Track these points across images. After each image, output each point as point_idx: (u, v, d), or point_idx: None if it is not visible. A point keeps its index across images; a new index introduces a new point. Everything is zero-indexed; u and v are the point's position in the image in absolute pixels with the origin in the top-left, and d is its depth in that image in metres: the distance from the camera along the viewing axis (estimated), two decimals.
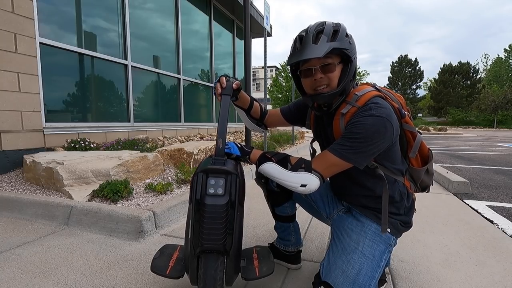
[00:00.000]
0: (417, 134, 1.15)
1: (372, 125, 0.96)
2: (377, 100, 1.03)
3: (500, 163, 5.62)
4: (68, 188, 2.45)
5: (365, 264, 1.02)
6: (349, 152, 0.98)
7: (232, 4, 7.45)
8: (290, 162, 1.05)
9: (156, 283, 1.37)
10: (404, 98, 1.20)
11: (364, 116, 0.99)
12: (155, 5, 5.42)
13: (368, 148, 0.98)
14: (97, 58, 4.17)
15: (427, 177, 1.25)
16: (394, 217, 1.14)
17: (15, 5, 3.11)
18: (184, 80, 6.17)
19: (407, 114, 1.13)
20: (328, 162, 1.02)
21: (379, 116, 0.97)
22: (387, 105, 1.03)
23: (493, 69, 43.45)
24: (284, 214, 1.46)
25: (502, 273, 1.48)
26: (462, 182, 3.22)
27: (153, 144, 4.29)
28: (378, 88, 1.14)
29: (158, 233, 1.95)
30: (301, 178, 1.00)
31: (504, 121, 33.94)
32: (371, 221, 1.13)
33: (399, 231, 1.16)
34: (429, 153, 1.22)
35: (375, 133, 0.96)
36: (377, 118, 0.97)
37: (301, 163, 1.03)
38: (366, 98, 1.04)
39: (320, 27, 1.02)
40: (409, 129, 1.13)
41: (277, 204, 1.44)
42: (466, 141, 12.03)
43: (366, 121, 0.97)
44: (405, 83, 48.03)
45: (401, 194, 1.15)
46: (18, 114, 3.17)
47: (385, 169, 1.11)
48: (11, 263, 1.54)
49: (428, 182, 1.27)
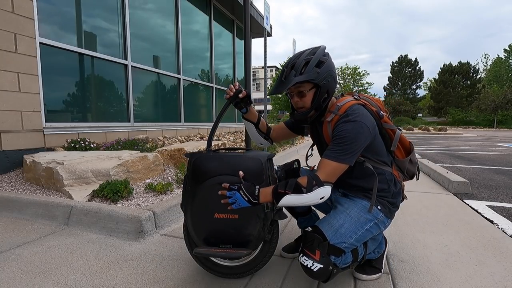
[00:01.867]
0: (396, 130, 1.37)
1: (352, 129, 1.19)
2: (353, 107, 1.26)
3: (500, 163, 5.62)
4: (68, 188, 2.45)
5: (348, 221, 1.26)
6: (342, 154, 1.18)
7: (232, 4, 7.45)
8: (302, 186, 1.15)
9: (156, 283, 1.37)
10: (382, 102, 1.42)
11: (344, 123, 1.21)
12: (155, 5, 5.42)
13: (355, 147, 1.19)
14: (97, 58, 4.17)
15: (411, 166, 1.45)
16: (383, 198, 1.34)
17: (15, 5, 3.11)
18: (184, 80, 6.17)
19: (385, 115, 1.35)
20: (329, 168, 1.18)
21: (355, 121, 1.20)
22: (363, 110, 1.27)
23: (493, 69, 43.45)
24: (304, 209, 1.62)
25: (502, 273, 1.48)
26: (462, 182, 3.22)
27: (153, 144, 4.30)
28: (357, 97, 1.37)
29: (158, 233, 1.95)
30: (318, 194, 1.14)
31: (504, 121, 33.91)
32: (362, 199, 1.33)
33: (388, 209, 1.35)
34: (411, 145, 1.44)
35: (357, 134, 1.19)
36: (354, 123, 1.20)
37: (312, 182, 1.15)
38: (345, 107, 1.27)
39: (294, 60, 1.25)
40: (389, 127, 1.36)
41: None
42: (466, 141, 12.03)
43: (347, 127, 1.20)
44: (405, 83, 48.03)
45: (388, 182, 1.35)
46: (18, 114, 3.17)
47: (372, 161, 1.32)
48: (11, 263, 1.54)
49: (413, 170, 1.47)
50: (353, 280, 1.40)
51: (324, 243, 1.19)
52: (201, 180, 1.29)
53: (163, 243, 1.80)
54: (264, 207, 1.29)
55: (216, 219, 1.27)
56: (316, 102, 1.26)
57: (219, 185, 1.24)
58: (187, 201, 1.32)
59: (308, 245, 1.20)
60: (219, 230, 1.30)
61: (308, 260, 1.18)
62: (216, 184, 1.26)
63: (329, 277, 1.21)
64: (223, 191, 1.19)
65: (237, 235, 1.31)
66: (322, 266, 1.17)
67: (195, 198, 1.29)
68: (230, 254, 1.27)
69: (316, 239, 1.20)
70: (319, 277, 1.20)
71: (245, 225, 1.30)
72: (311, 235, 1.22)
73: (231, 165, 1.29)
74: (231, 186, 1.18)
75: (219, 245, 1.31)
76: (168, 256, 1.63)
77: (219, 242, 1.31)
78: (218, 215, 1.27)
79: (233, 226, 1.29)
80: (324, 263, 1.17)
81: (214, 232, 1.30)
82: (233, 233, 1.30)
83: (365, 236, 1.28)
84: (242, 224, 1.30)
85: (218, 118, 1.43)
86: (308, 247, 1.20)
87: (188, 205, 1.32)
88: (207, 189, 1.27)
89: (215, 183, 1.26)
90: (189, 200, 1.31)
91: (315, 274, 1.17)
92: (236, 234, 1.30)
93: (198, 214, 1.30)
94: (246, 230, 1.30)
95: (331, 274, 1.21)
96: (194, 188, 1.30)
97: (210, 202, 1.27)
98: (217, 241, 1.31)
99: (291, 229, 2.03)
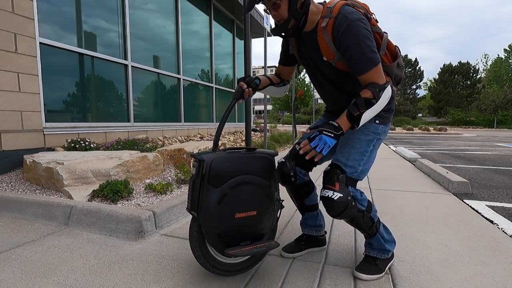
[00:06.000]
0: (383, 34, 1.36)
1: (359, 27, 1.20)
2: (346, 8, 1.24)
3: (500, 163, 5.62)
4: (68, 188, 2.45)
5: (353, 149, 1.34)
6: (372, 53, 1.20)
7: (232, 4, 7.45)
8: (371, 99, 1.21)
9: (157, 283, 1.37)
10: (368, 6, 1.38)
11: (347, 26, 1.20)
12: (155, 6, 5.41)
13: (372, 42, 1.22)
14: (97, 58, 4.17)
15: (398, 70, 1.45)
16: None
17: (15, 5, 3.11)
18: (184, 80, 6.17)
19: (372, 17, 1.34)
20: (378, 72, 1.22)
21: (354, 19, 1.20)
22: (354, 10, 1.25)
23: (493, 69, 43.47)
24: (313, 202, 1.65)
25: (502, 273, 1.48)
26: (462, 182, 3.22)
27: (153, 144, 4.30)
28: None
29: (158, 233, 1.95)
30: (385, 96, 1.23)
31: (504, 121, 33.92)
32: None
33: (386, 118, 1.40)
34: (397, 49, 1.43)
35: (364, 30, 1.20)
36: (357, 21, 1.20)
37: (377, 89, 1.21)
38: (337, 7, 1.25)
39: None
40: (376, 31, 1.33)
41: (307, 195, 1.62)
42: (466, 141, 12.03)
43: (354, 28, 1.19)
44: (405, 83, 48.00)
45: None
46: (18, 114, 3.17)
47: None
48: (11, 263, 1.54)
49: (400, 75, 1.47)
50: (353, 280, 1.40)
51: (342, 176, 1.30)
52: (221, 182, 1.26)
53: (163, 243, 1.80)
54: (276, 199, 1.40)
55: (237, 219, 1.29)
56: (292, 9, 1.23)
57: (239, 186, 1.28)
58: (204, 205, 1.26)
59: (327, 180, 1.30)
60: (240, 229, 1.32)
61: (329, 191, 1.26)
62: (237, 185, 1.28)
63: (346, 208, 1.27)
64: (306, 147, 1.20)
65: (256, 230, 1.37)
66: (342, 195, 1.26)
67: (214, 201, 1.25)
68: (262, 249, 1.33)
69: (335, 173, 1.30)
70: (339, 206, 1.26)
71: (262, 219, 1.37)
72: (330, 170, 1.32)
73: (247, 164, 1.32)
74: (311, 136, 1.22)
75: (239, 243, 1.33)
76: (168, 256, 1.63)
77: (239, 240, 1.33)
78: (239, 215, 1.29)
79: (253, 222, 1.34)
80: (343, 192, 1.26)
81: (235, 232, 1.31)
82: (253, 229, 1.35)
83: (372, 154, 1.39)
84: (260, 219, 1.36)
85: (225, 117, 1.39)
86: (328, 182, 1.30)
87: (204, 209, 1.25)
88: (228, 191, 1.27)
89: (235, 184, 1.28)
90: (206, 204, 1.25)
91: (335, 203, 1.25)
92: (255, 229, 1.36)
93: (218, 217, 1.26)
94: (263, 223, 1.37)
95: (349, 205, 1.27)
96: (213, 191, 1.25)
97: (232, 204, 1.28)
98: (238, 240, 1.33)
99: (291, 229, 2.03)
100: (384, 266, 1.45)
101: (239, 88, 1.43)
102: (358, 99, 1.21)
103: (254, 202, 1.34)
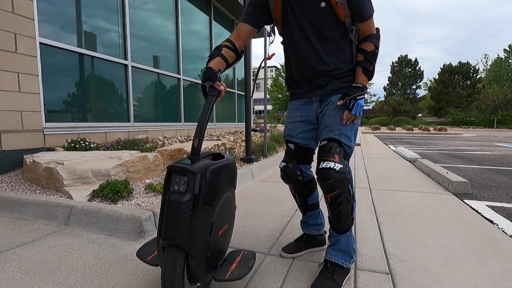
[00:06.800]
0: None
1: None
2: None
3: (500, 163, 5.62)
4: (68, 188, 2.45)
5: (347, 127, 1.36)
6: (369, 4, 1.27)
7: (232, 4, 7.45)
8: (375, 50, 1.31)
9: (156, 283, 1.37)
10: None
11: None
12: (155, 5, 5.41)
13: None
14: (97, 58, 4.17)
15: None
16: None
17: (15, 5, 3.11)
18: (184, 80, 6.17)
19: None
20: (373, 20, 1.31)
21: None
22: None
23: (493, 69, 43.48)
24: (316, 201, 1.66)
25: (502, 273, 1.48)
26: (462, 182, 3.22)
27: (153, 144, 4.29)
28: None
29: None
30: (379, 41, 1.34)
31: (504, 121, 33.94)
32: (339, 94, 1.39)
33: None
34: None
35: None
36: None
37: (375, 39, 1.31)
38: None
39: None
40: None
41: (310, 194, 1.63)
42: (466, 141, 12.03)
43: None
44: (405, 83, 48.08)
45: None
46: (18, 114, 3.17)
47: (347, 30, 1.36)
48: (11, 263, 1.54)
49: None
50: (353, 280, 1.40)
51: (340, 149, 1.32)
52: (215, 198, 1.07)
53: None
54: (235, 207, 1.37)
55: (219, 237, 1.16)
56: None
57: (224, 200, 1.17)
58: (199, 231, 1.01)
59: (326, 153, 1.30)
60: (219, 247, 1.19)
61: (330, 162, 1.26)
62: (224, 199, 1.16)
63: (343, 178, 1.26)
64: (350, 117, 1.32)
65: (226, 246, 1.29)
66: (342, 166, 1.26)
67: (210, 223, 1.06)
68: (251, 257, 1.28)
69: (334, 146, 1.32)
70: (338, 176, 1.25)
71: (231, 231, 1.32)
72: (330, 143, 1.33)
73: (227, 173, 1.20)
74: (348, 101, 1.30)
75: (216, 264, 1.18)
76: None
77: (217, 261, 1.18)
78: (220, 232, 1.16)
79: (227, 237, 1.28)
80: (343, 164, 1.28)
81: (216, 252, 1.16)
82: (224, 245, 1.26)
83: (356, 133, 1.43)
84: (230, 232, 1.32)
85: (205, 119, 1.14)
86: (327, 155, 1.30)
87: (200, 235, 1.02)
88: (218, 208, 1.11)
89: (224, 198, 1.16)
90: (202, 229, 1.02)
91: (337, 173, 1.24)
92: (226, 245, 1.28)
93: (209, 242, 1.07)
94: (230, 233, 1.32)
95: (347, 179, 1.28)
96: (207, 211, 1.04)
97: (219, 221, 1.13)
98: (216, 261, 1.17)
99: (291, 229, 2.03)
100: (342, 280, 1.33)
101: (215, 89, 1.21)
102: (367, 53, 1.30)
103: (228, 214, 1.24)
